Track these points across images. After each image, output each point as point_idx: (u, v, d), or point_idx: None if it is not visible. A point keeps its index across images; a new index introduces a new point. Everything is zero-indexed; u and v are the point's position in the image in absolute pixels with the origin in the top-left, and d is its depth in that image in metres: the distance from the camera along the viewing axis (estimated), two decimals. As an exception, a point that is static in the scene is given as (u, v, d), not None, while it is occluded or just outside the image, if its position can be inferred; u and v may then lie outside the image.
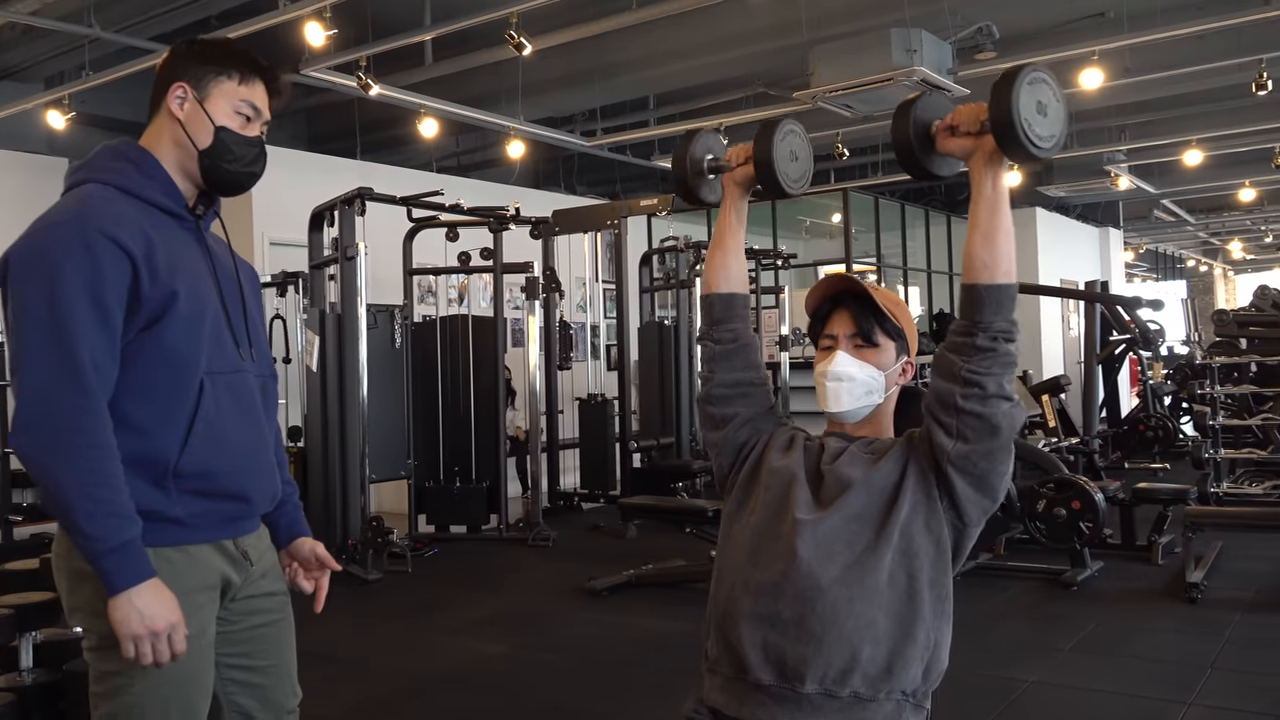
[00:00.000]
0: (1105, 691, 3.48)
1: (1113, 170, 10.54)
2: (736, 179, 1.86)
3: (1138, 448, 8.61)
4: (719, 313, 1.88)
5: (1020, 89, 1.51)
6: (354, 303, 5.67)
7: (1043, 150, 1.55)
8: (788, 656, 1.58)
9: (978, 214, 1.61)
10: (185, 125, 1.67)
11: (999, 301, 1.60)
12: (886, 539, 1.62)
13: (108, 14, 6.27)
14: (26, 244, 1.56)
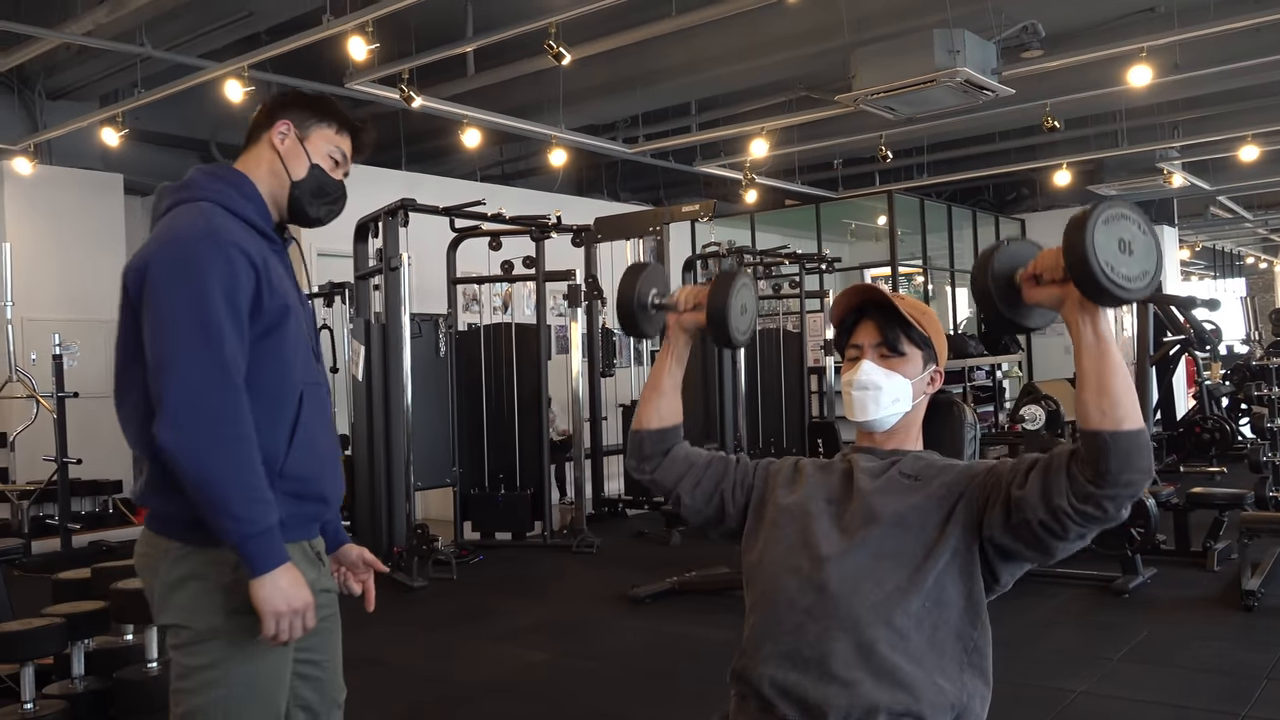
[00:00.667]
0: (1154, 702, 3.41)
1: (1165, 168, 10.31)
2: (684, 324, 1.88)
3: (1194, 451, 8.42)
4: (648, 449, 1.88)
5: (1094, 233, 1.39)
6: (398, 312, 5.74)
7: (1134, 292, 1.42)
8: (809, 696, 1.55)
9: (1084, 366, 1.47)
10: (284, 157, 1.84)
11: (1131, 449, 1.41)
12: (918, 584, 1.57)
13: (158, 33, 6.41)
14: (169, 253, 1.68)
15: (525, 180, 10.38)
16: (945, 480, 1.65)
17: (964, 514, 1.60)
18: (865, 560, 1.60)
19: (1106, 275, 1.39)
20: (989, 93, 6.70)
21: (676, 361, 1.90)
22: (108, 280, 8.19)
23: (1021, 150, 10.23)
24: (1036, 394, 5.71)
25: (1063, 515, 1.46)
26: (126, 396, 1.72)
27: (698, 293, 1.86)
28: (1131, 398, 1.43)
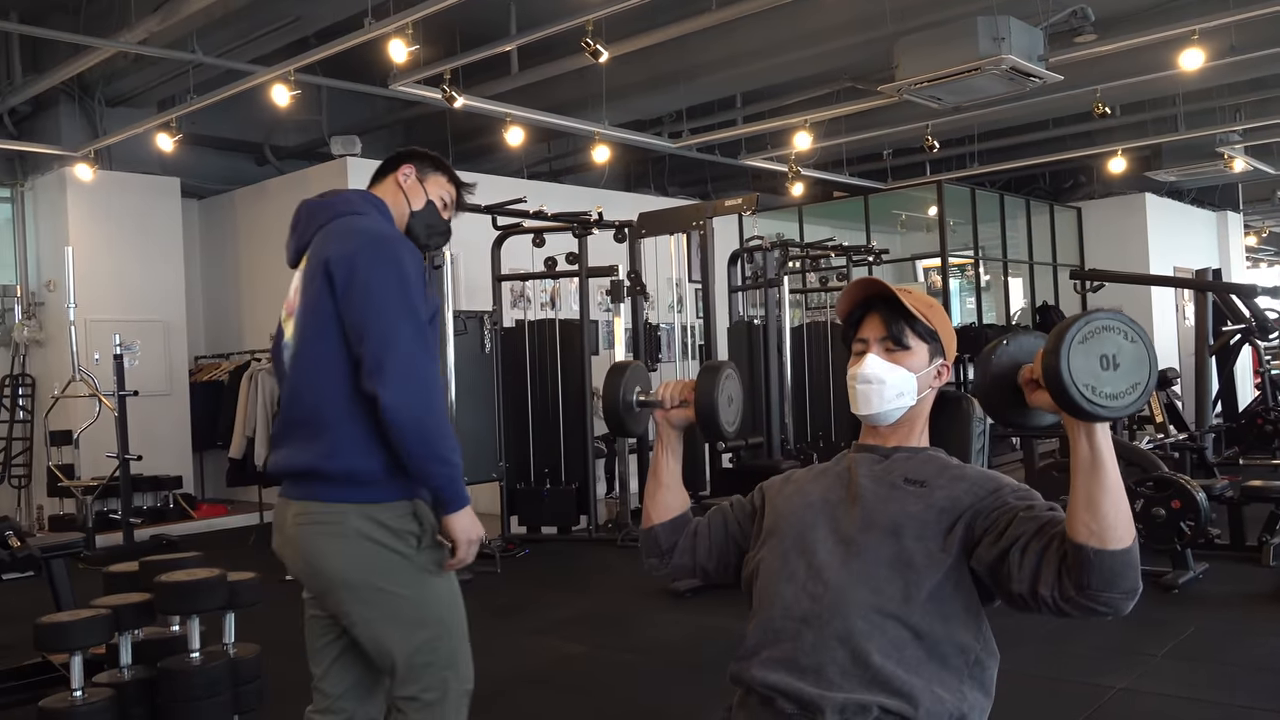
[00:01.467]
0: (1196, 700, 3.35)
1: (1226, 152, 10.04)
2: (672, 420, 1.88)
3: (1255, 443, 8.20)
4: (665, 543, 1.88)
5: (1069, 356, 1.35)
6: (440, 309, 5.81)
7: (1119, 408, 1.37)
8: (805, 697, 1.56)
9: (1076, 478, 1.43)
10: (406, 192, 2.24)
11: (1114, 570, 1.39)
12: (916, 594, 1.56)
13: (210, 39, 6.58)
14: (370, 241, 2.04)
15: (573, 177, 10.44)
16: (951, 493, 1.63)
17: (963, 533, 1.59)
18: (863, 568, 1.60)
19: (1086, 398, 1.35)
20: (1036, 80, 6.60)
21: (672, 455, 1.90)
22: (166, 281, 8.44)
23: (1077, 137, 10.04)
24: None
25: (1043, 603, 1.47)
26: (320, 371, 2.02)
27: (683, 388, 1.88)
28: (1121, 518, 1.39)
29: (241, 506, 8.26)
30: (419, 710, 2.05)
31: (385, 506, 1.98)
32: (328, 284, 2.00)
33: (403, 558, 1.99)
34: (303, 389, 2.05)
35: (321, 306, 2.01)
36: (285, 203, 8.94)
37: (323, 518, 1.99)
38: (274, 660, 3.86)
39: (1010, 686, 3.54)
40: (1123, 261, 10.85)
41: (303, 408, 2.05)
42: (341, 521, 1.97)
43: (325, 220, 2.13)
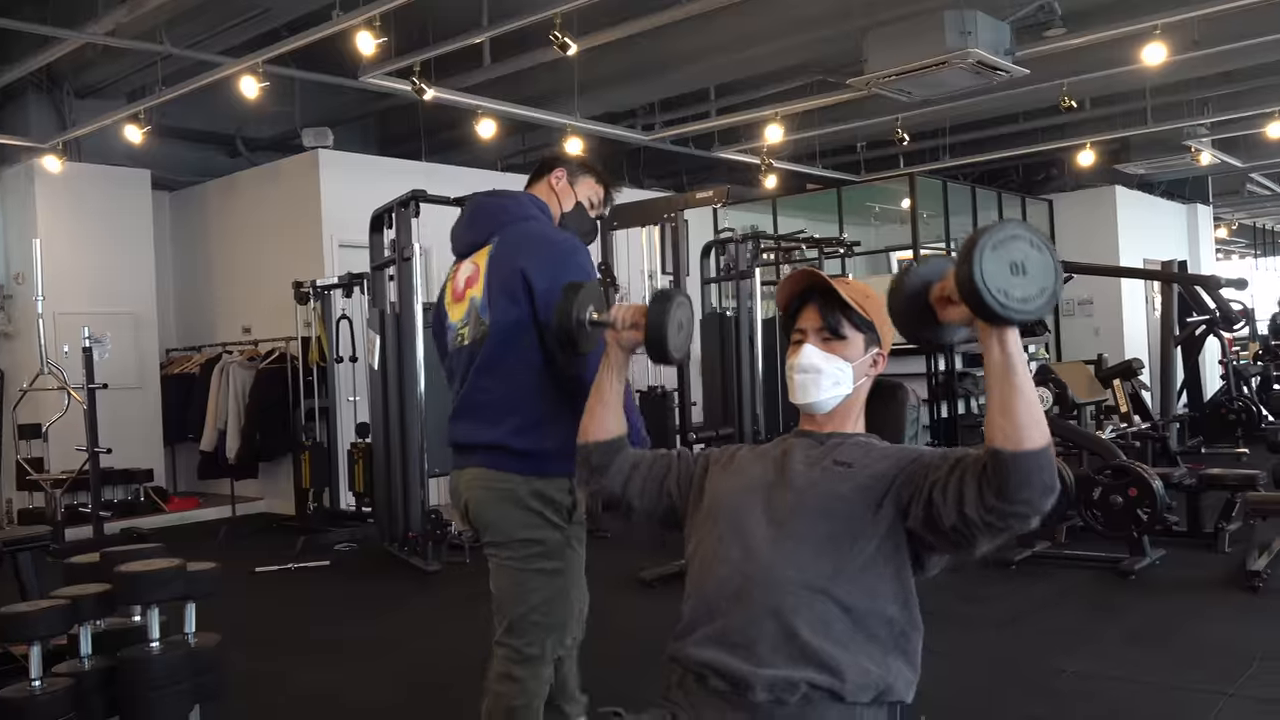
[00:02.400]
0: (1145, 682, 3.43)
1: (1193, 145, 10.15)
2: (622, 341, 1.94)
3: (1218, 432, 8.32)
4: (598, 460, 1.93)
5: (982, 261, 1.42)
6: (411, 302, 5.83)
7: (1028, 312, 1.45)
8: (738, 673, 1.60)
9: (990, 383, 1.50)
10: (558, 194, 2.48)
11: (1029, 470, 1.45)
12: (844, 571, 1.62)
13: (179, 31, 6.54)
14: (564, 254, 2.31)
15: (547, 169, 10.43)
16: (876, 470, 1.69)
17: (891, 504, 1.64)
18: (792, 548, 1.64)
19: (1000, 302, 1.42)
20: (1003, 73, 6.66)
21: (617, 375, 1.96)
22: (136, 274, 8.40)
23: (1048, 130, 10.11)
24: (1047, 376, 5.69)
25: (971, 524, 1.52)
26: (513, 364, 2.28)
27: (635, 311, 1.93)
28: (1033, 419, 1.46)
29: (213, 499, 8.26)
30: (517, 662, 2.35)
31: (549, 480, 2.28)
32: (526, 292, 2.26)
33: (554, 527, 2.30)
34: (493, 377, 2.32)
35: (517, 309, 2.27)
36: (257, 195, 8.92)
37: (497, 484, 2.30)
38: (235, 650, 3.89)
39: (966, 669, 3.63)
40: (1093, 253, 10.95)
41: (491, 393, 2.33)
42: (512, 489, 2.28)
43: (505, 223, 2.38)
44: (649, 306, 1.91)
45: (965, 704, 3.31)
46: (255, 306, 8.34)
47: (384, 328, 6.07)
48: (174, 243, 9.19)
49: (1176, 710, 3.18)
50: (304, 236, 7.94)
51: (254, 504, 8.20)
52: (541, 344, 2.26)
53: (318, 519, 7.21)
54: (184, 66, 7.08)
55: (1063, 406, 5.68)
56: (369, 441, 6.64)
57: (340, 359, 7.41)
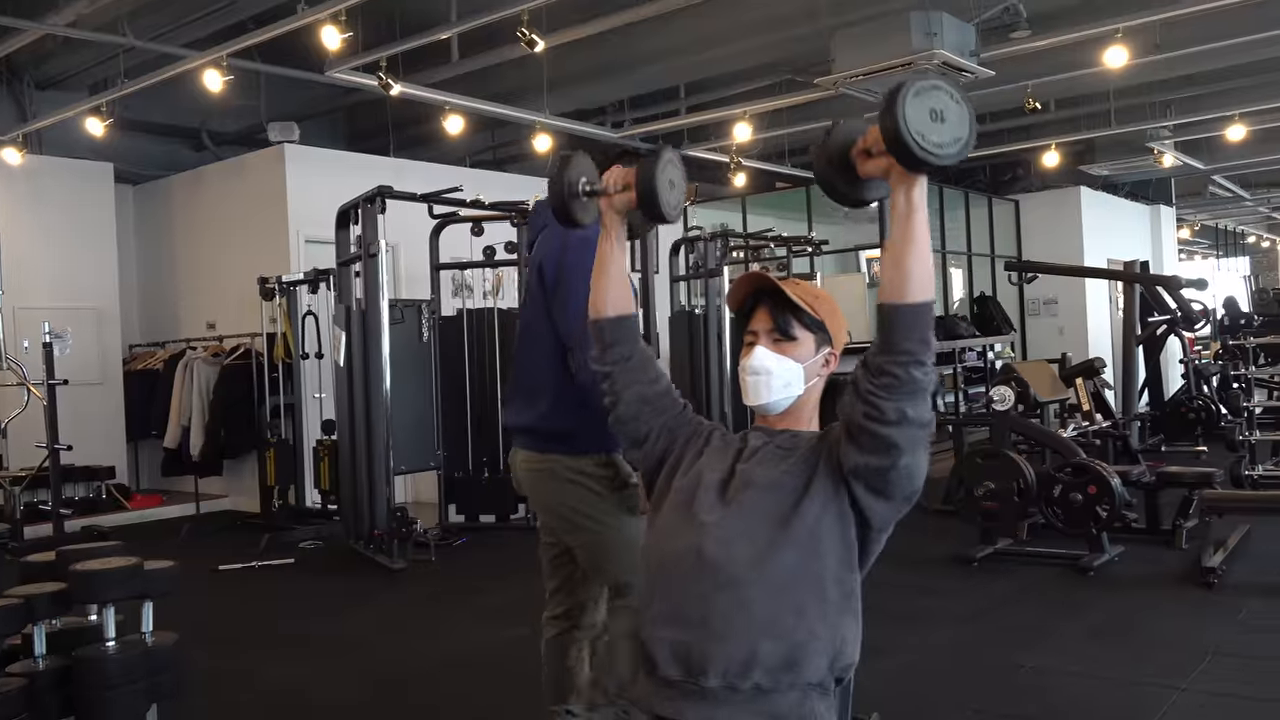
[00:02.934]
0: (1101, 677, 3.48)
1: (1156, 147, 10.28)
2: (615, 205, 1.92)
3: (1179, 430, 8.44)
4: (609, 337, 1.92)
5: (905, 105, 1.50)
6: (377, 299, 5.80)
7: (944, 157, 1.53)
8: (692, 653, 1.63)
9: (890, 231, 1.60)
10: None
11: (908, 322, 1.58)
12: (790, 537, 1.65)
13: (143, 22, 6.47)
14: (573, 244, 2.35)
15: (516, 165, 10.41)
16: (812, 442, 1.75)
17: (827, 464, 1.69)
18: (739, 522, 1.68)
19: (918, 144, 1.50)
20: (968, 75, 6.71)
21: (618, 244, 1.94)
22: (99, 268, 8.30)
23: (1014, 131, 10.20)
24: (1010, 375, 5.75)
25: (870, 396, 1.60)
26: (537, 350, 2.47)
27: (626, 174, 1.90)
28: (923, 272, 1.58)
29: (177, 496, 8.17)
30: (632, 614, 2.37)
31: (585, 457, 2.42)
32: (540, 280, 2.44)
33: (600, 497, 2.43)
34: (525, 363, 2.54)
35: (536, 298, 2.46)
36: (222, 189, 8.83)
37: (540, 464, 2.47)
38: (196, 648, 3.86)
39: (926, 665, 3.67)
40: (1058, 253, 11.08)
41: (526, 377, 2.53)
42: (552, 468, 2.44)
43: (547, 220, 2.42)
44: (639, 165, 1.89)
45: (923, 699, 3.35)
46: (220, 302, 8.27)
47: (350, 324, 6.03)
48: (138, 237, 9.08)
49: (1131, 704, 3.23)
50: (270, 232, 7.87)
51: (218, 501, 8.13)
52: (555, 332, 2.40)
53: (283, 517, 7.16)
54: (147, 59, 6.99)
55: (1025, 405, 5.74)
56: (334, 438, 6.60)
57: (306, 355, 7.36)
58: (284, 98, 8.42)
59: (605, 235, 1.94)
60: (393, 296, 6.46)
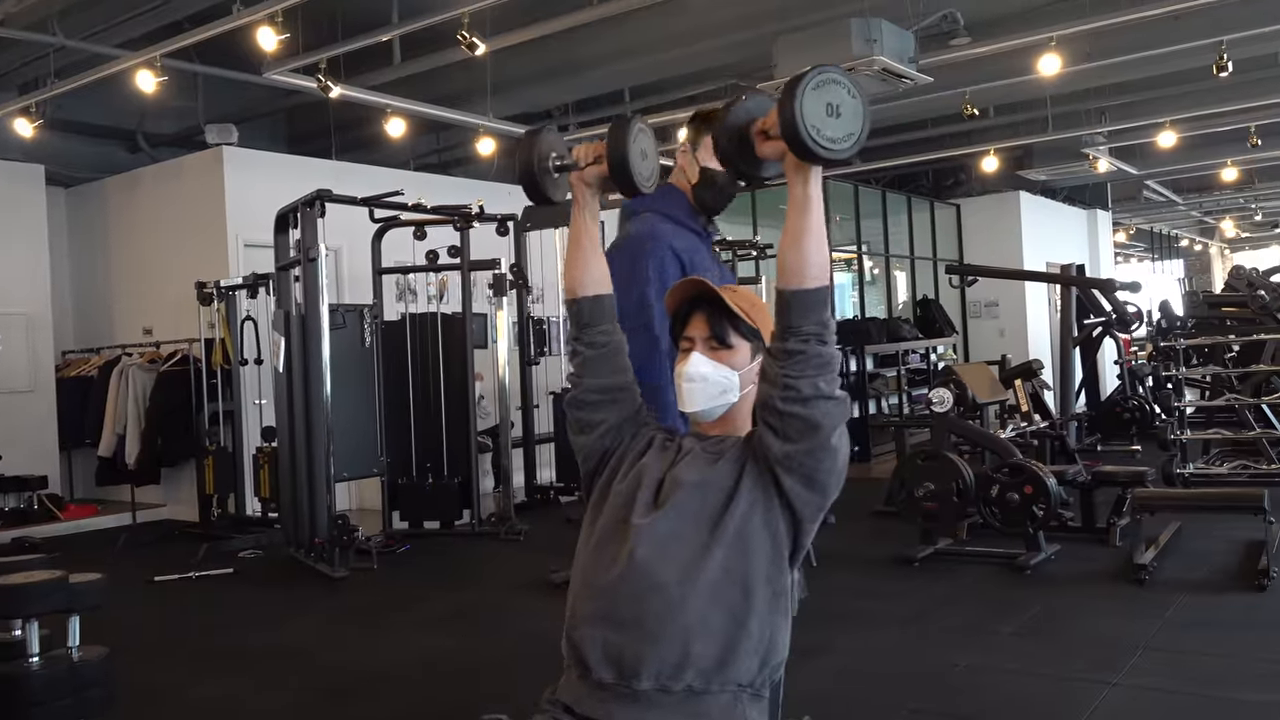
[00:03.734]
0: (1034, 673, 3.53)
1: (1091, 153, 10.51)
2: (587, 179, 1.89)
3: (1114, 430, 8.63)
4: (588, 316, 1.91)
5: (802, 98, 1.52)
6: (316, 304, 5.73)
7: (837, 151, 1.56)
8: (625, 654, 1.63)
9: (788, 217, 1.64)
10: (685, 170, 2.51)
11: (807, 305, 1.65)
12: (720, 538, 1.67)
13: (73, 21, 6.32)
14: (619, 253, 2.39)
15: (461, 168, 10.34)
16: (738, 444, 1.77)
17: (754, 463, 1.71)
18: (670, 524, 1.70)
19: (812, 138, 1.53)
20: (908, 81, 6.80)
21: (591, 217, 1.94)
22: (30, 273, 8.09)
23: (954, 136, 10.37)
24: (949, 377, 5.83)
25: (782, 378, 1.64)
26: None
27: (596, 146, 1.89)
28: (819, 258, 1.63)
29: (113, 506, 7.98)
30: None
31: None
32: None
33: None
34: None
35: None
36: (158, 192, 8.68)
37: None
38: (129, 662, 3.78)
39: (863, 667, 3.70)
40: (999, 257, 11.27)
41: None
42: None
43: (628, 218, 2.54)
44: (609, 134, 1.87)
45: (859, 700, 3.38)
46: (157, 307, 8.10)
47: (289, 329, 5.95)
48: (71, 241, 8.87)
49: (1063, 699, 3.28)
50: (208, 235, 7.73)
51: (156, 510, 7.96)
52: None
53: (222, 525, 7.03)
54: (79, 59, 6.84)
55: (965, 406, 5.83)
56: (275, 445, 6.50)
57: (245, 361, 7.24)
58: (222, 99, 8.27)
59: (578, 210, 1.92)
60: (334, 301, 6.39)
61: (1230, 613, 4.13)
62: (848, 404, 1.71)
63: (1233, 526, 5.36)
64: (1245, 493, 5.20)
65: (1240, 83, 8.24)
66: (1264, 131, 9.74)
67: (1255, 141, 9.55)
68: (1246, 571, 4.63)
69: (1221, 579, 4.63)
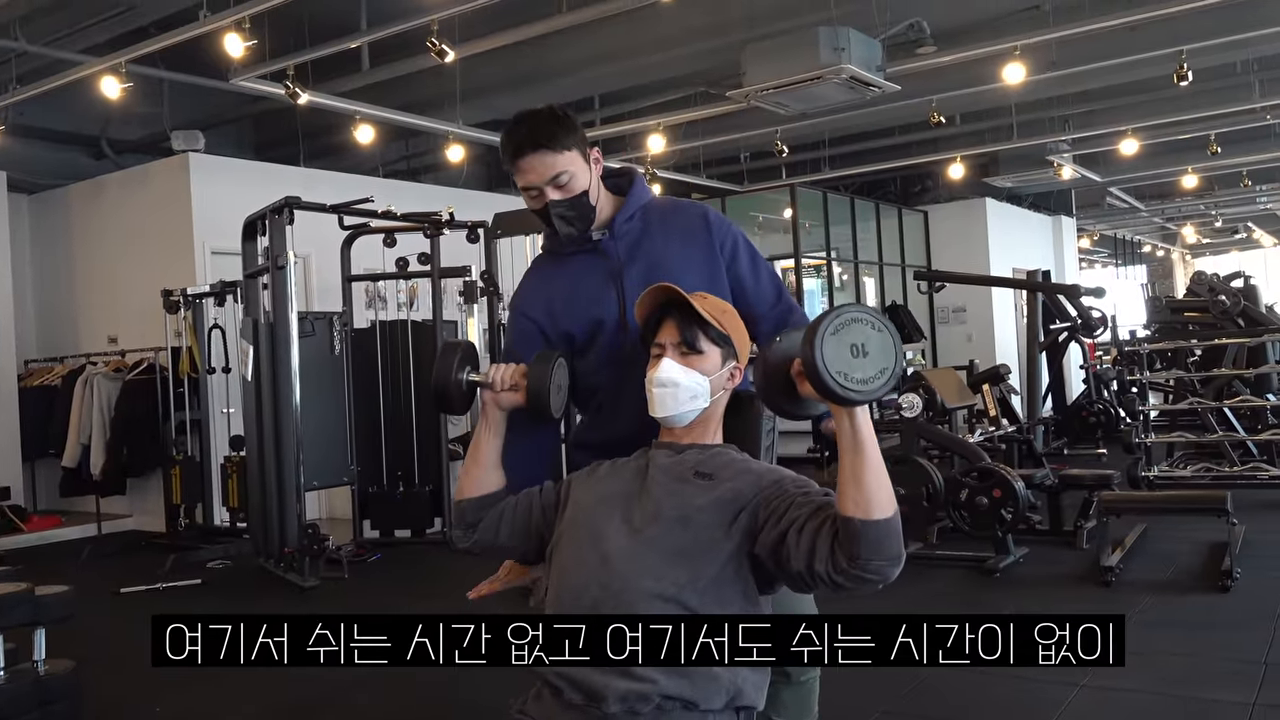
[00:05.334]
0: (1004, 675, 3.57)
1: (1056, 160, 10.65)
2: (501, 403, 1.93)
3: (1081, 434, 8.73)
4: (471, 516, 1.94)
5: (822, 348, 1.49)
6: (285, 312, 5.68)
7: (869, 391, 1.51)
8: (593, 682, 1.62)
9: (842, 456, 1.56)
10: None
11: (878, 538, 1.52)
12: (695, 583, 1.65)
13: (36, 26, 6.25)
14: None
15: (431, 175, 10.31)
16: (736, 486, 1.73)
17: (747, 522, 1.68)
18: (647, 556, 1.68)
19: (840, 384, 1.49)
20: (875, 89, 6.87)
21: (494, 435, 1.95)
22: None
23: (922, 144, 10.47)
24: (918, 382, 5.89)
25: (818, 579, 1.57)
26: None
27: (514, 374, 1.93)
28: (883, 490, 1.53)
29: (77, 517, 7.87)
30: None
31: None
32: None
33: None
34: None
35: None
36: (124, 199, 8.58)
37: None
38: (96, 675, 3.73)
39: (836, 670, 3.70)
40: (966, 262, 11.38)
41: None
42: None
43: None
44: (529, 370, 1.92)
45: (829, 703, 3.37)
46: (122, 315, 8.01)
47: (258, 337, 5.90)
48: (34, 248, 8.75)
49: (1030, 701, 3.32)
50: (174, 243, 7.66)
51: (121, 521, 7.86)
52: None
53: (189, 536, 6.95)
54: (42, 64, 6.76)
55: (934, 411, 5.89)
56: (243, 455, 6.44)
57: (213, 370, 7.17)
58: (188, 105, 8.20)
59: (484, 426, 1.94)
60: (303, 309, 6.35)
61: (1195, 613, 4.20)
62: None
63: (1196, 528, 5.44)
64: (1208, 495, 5.29)
65: (1200, 91, 8.40)
66: (1224, 139, 9.93)
67: (1215, 149, 9.72)
68: (1210, 572, 4.70)
69: (1186, 580, 4.70)
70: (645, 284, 1.92)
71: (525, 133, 1.97)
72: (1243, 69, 8.36)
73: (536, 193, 1.99)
